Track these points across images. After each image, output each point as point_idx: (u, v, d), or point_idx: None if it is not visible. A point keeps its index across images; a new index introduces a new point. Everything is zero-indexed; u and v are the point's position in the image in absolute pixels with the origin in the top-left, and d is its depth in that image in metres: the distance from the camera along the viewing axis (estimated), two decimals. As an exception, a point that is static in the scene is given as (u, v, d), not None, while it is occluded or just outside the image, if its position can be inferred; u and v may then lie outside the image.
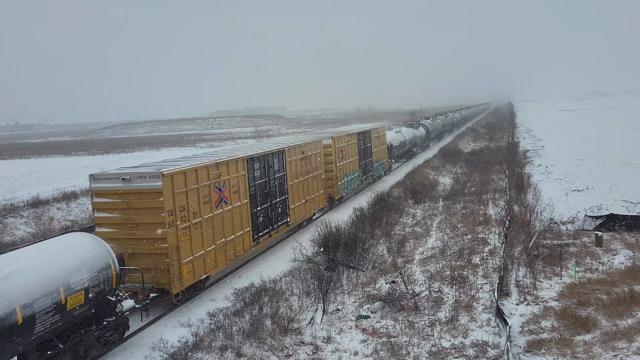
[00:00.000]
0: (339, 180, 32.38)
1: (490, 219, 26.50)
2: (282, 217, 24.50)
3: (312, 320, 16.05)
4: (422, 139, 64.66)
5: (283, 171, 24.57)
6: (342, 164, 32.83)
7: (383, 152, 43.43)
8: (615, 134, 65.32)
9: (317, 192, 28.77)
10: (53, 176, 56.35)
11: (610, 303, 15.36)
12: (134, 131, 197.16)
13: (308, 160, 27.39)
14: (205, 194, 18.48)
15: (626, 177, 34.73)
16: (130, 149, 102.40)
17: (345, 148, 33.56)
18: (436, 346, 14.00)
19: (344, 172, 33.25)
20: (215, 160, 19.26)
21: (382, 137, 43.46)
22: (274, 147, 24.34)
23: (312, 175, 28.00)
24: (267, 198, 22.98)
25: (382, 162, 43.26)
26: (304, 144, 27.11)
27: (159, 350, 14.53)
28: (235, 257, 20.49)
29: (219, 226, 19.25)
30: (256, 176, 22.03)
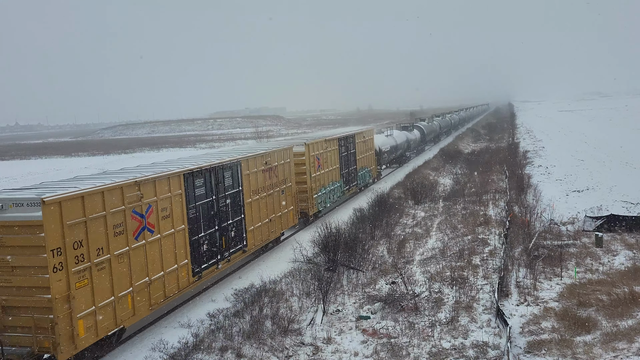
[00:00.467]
0: (315, 193, 28.59)
1: (490, 220, 26.50)
2: (236, 242, 20.65)
3: (312, 321, 16.05)
4: (417, 143, 61.04)
5: (238, 187, 20.73)
6: (318, 174, 29.07)
7: (370, 159, 39.90)
8: (615, 135, 65.34)
9: (285, 209, 24.87)
10: (53, 177, 56.38)
11: (611, 304, 15.35)
12: (134, 132, 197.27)
13: (273, 172, 23.57)
14: (118, 222, 14.38)
15: (626, 178, 34.74)
16: (131, 150, 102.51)
17: (323, 155, 29.83)
18: (436, 347, 13.99)
19: (321, 183, 29.50)
20: (133, 179, 15.05)
21: (370, 142, 39.76)
22: (225, 158, 20.34)
23: (279, 189, 24.17)
24: (214, 221, 18.97)
25: (369, 169, 39.50)
26: (268, 153, 23.16)
27: (159, 351, 14.53)
28: (165, 298, 16.30)
29: (139, 262, 15.16)
30: (198, 195, 18.08)
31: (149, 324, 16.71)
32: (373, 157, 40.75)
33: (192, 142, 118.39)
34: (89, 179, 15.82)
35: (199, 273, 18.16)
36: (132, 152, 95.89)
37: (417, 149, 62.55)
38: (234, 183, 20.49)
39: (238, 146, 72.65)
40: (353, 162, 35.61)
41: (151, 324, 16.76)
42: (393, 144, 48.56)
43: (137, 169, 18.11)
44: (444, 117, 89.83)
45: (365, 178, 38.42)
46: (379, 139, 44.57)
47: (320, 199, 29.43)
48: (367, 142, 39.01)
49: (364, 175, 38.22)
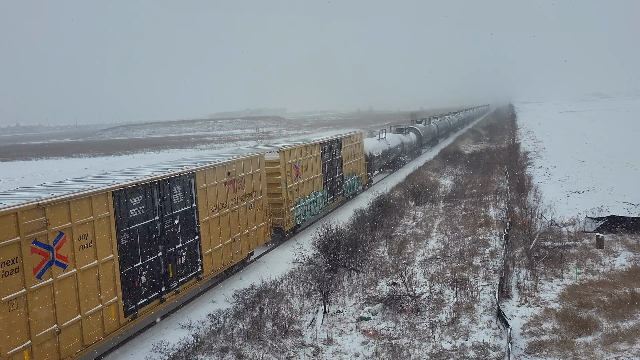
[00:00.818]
0: (292, 205, 25.70)
1: (491, 221, 26.49)
2: (188, 269, 17.53)
3: (312, 322, 16.04)
4: (413, 146, 58.12)
5: (192, 203, 17.63)
6: (297, 184, 26.15)
7: (359, 165, 36.72)
8: (616, 136, 65.35)
9: (254, 225, 21.86)
10: (54, 178, 56.41)
11: (612, 305, 15.34)
12: (135, 133, 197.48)
13: (239, 184, 20.65)
14: (11, 258, 11.29)
15: (627, 179, 34.74)
16: (131, 151, 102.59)
17: (302, 163, 26.88)
18: (437, 348, 13.99)
19: (300, 193, 26.58)
20: (35, 202, 11.98)
21: (359, 147, 36.70)
22: (174, 170, 17.12)
23: (247, 203, 21.23)
24: (157, 246, 15.86)
25: (359, 176, 36.53)
26: (231, 163, 20.08)
27: (160, 352, 14.53)
28: (84, 348, 13.17)
29: (43, 307, 12.06)
30: (136, 216, 14.99)
31: (149, 325, 16.71)
32: (362, 163, 37.50)
33: (193, 142, 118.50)
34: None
35: (134, 311, 14.93)
36: (132, 153, 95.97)
37: (413, 153, 59.72)
38: (185, 199, 17.29)
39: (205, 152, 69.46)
40: (339, 169, 32.54)
41: (151, 324, 16.77)
42: (386, 148, 45.72)
43: (43, 188, 14.52)
44: (442, 118, 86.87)
45: (353, 186, 35.32)
46: (369, 143, 41.75)
47: (299, 211, 26.47)
48: (356, 146, 35.99)
49: (352, 183, 35.10)
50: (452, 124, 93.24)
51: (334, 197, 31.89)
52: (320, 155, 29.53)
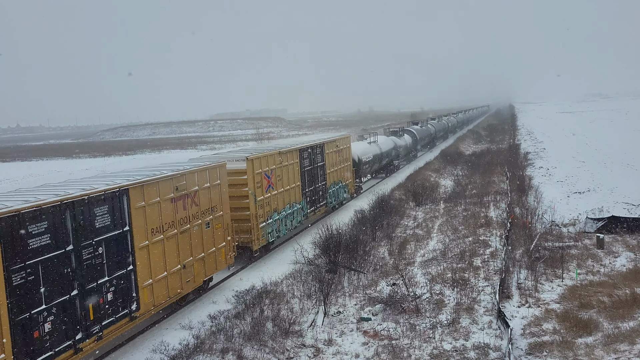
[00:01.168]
0: (263, 221, 22.76)
1: (491, 221, 26.49)
2: (118, 308, 14.40)
3: (313, 322, 16.04)
4: (407, 149, 54.85)
5: (123, 226, 14.48)
6: (269, 196, 23.25)
7: (346, 171, 33.81)
8: (617, 136, 65.33)
9: (212, 247, 18.80)
10: (54, 179, 56.44)
11: (612, 305, 15.34)
12: (135, 133, 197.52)
13: (192, 199, 17.59)
14: None
15: (627, 179, 34.72)
16: (132, 152, 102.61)
17: (276, 172, 23.94)
18: (437, 349, 13.98)
19: (272, 206, 23.57)
20: None
21: (345, 152, 33.65)
22: (99, 186, 13.99)
23: (203, 221, 18.22)
24: (70, 283, 12.83)
25: (345, 183, 33.63)
26: (182, 174, 16.97)
27: (160, 352, 14.53)
28: None
29: None
30: (38, 247, 11.99)
31: (150, 326, 16.71)
32: (350, 169, 34.55)
33: (193, 143, 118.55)
34: None
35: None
36: (133, 154, 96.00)
37: (408, 156, 56.66)
38: (115, 222, 14.17)
39: (167, 159, 61.46)
40: (321, 177, 29.45)
41: (152, 325, 16.76)
42: (377, 152, 42.27)
43: None
44: (440, 120, 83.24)
45: (339, 195, 32.38)
46: (358, 148, 38.78)
47: (272, 227, 23.53)
48: (342, 151, 32.98)
49: (338, 192, 32.18)
50: (450, 125, 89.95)
51: (316, 208, 28.79)
52: (299, 163, 26.41)
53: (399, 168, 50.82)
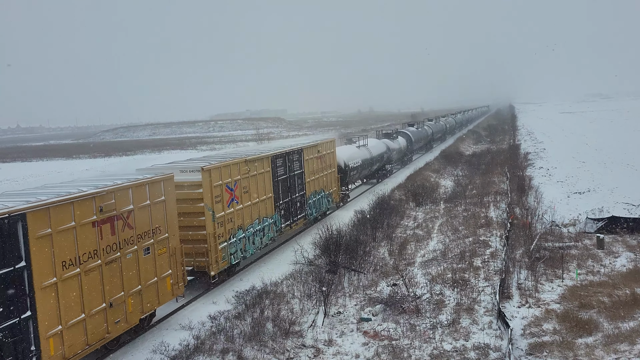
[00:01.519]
0: (224, 240, 19.51)
1: (491, 222, 26.49)
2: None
3: (313, 323, 16.04)
4: (402, 152, 51.94)
5: (17, 261, 11.49)
6: (231, 212, 20.00)
7: (330, 179, 30.55)
8: (617, 137, 65.35)
9: (153, 277, 15.77)
10: (54, 179, 56.46)
11: (612, 306, 15.34)
12: (135, 134, 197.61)
13: (125, 221, 14.61)
14: None
15: (627, 180, 34.74)
16: (132, 152, 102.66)
17: (241, 183, 20.73)
18: (438, 349, 13.98)
19: (236, 223, 20.36)
20: None
21: (329, 157, 30.42)
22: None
23: (140, 246, 15.23)
24: None
25: (329, 192, 30.37)
26: (108, 191, 14.05)
27: (160, 353, 14.54)
28: None
29: None
30: None
31: (150, 327, 16.70)
32: (335, 177, 31.34)
33: (194, 144, 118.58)
34: None
35: None
36: (133, 154, 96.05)
37: (403, 160, 53.61)
38: (5, 257, 11.20)
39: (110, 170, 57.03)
40: (300, 186, 26.31)
41: (152, 326, 16.76)
42: (366, 157, 38.99)
43: None
44: (438, 121, 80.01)
45: (321, 205, 29.14)
46: (345, 152, 35.45)
47: (235, 246, 20.34)
48: (326, 157, 29.81)
49: (320, 202, 28.94)
50: (448, 126, 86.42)
51: (292, 222, 25.49)
52: (271, 171, 23.28)
53: (392, 172, 47.97)
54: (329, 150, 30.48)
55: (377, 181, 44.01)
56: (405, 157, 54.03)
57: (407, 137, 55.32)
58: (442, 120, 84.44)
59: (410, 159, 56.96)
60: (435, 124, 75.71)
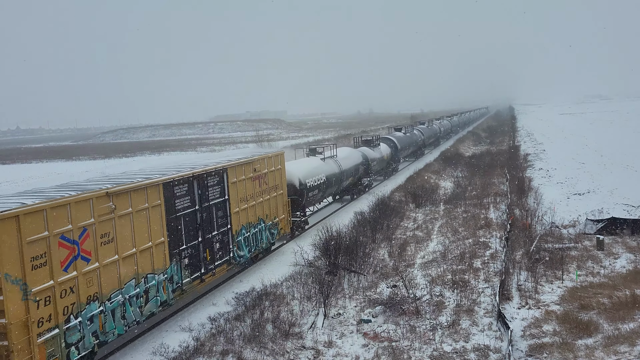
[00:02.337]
0: (54, 326, 12.35)
1: (491, 223, 26.48)
2: None
3: (313, 324, 16.03)
4: (384, 162, 44.87)
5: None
6: (75, 276, 12.96)
7: (275, 204, 23.69)
8: (616, 138, 65.39)
9: None
10: (54, 181, 56.41)
11: (612, 307, 15.34)
12: (135, 135, 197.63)
13: None
14: None
15: (627, 181, 34.76)
16: (132, 154, 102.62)
17: (101, 228, 13.80)
18: (438, 350, 13.98)
19: (86, 293, 13.24)
20: None
21: (275, 176, 23.59)
22: None
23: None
24: None
25: (274, 221, 23.53)
26: None
27: (160, 355, 14.53)
28: None
29: None
30: None
31: (150, 328, 16.69)
32: (284, 200, 24.68)
33: (193, 145, 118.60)
34: None
35: None
36: (133, 156, 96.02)
37: (387, 170, 47.13)
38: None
39: None
40: (220, 220, 19.16)
41: (152, 327, 16.75)
42: (334, 172, 31.50)
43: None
44: (431, 124, 74.02)
45: (259, 241, 22.16)
46: (301, 167, 28.10)
47: (80, 331, 13.08)
48: (269, 176, 23.02)
49: (257, 237, 22.03)
50: (443, 130, 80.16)
51: (205, 272, 18.20)
52: (164, 205, 16.00)
53: (371, 186, 40.87)
54: (275, 167, 23.65)
55: (351, 198, 37.27)
56: (389, 167, 47.63)
57: (391, 144, 48.72)
58: (436, 123, 78.58)
59: (396, 169, 50.15)
60: (427, 127, 70.05)
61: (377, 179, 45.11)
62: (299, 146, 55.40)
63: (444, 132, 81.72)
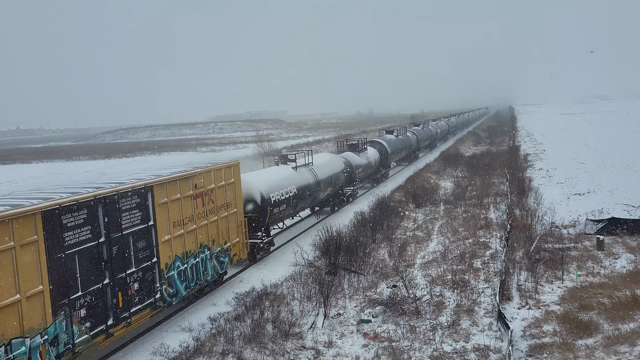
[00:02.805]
0: None
1: (491, 223, 26.48)
2: None
3: (313, 324, 16.03)
4: (371, 168, 40.74)
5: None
6: None
7: (227, 225, 19.68)
8: (616, 138, 65.41)
9: None
10: (54, 181, 56.43)
11: (612, 307, 15.34)
12: (135, 136, 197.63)
13: None
14: None
15: (627, 181, 34.77)
16: (132, 154, 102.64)
17: None
18: (438, 350, 13.98)
19: None
20: None
21: (226, 192, 19.57)
22: None
23: None
24: None
25: (222, 249, 19.33)
26: None
27: (160, 355, 14.53)
28: None
29: None
30: None
31: (150, 328, 16.68)
32: (237, 220, 20.47)
33: (193, 145, 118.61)
34: None
35: None
36: (133, 156, 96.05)
37: (376, 177, 43.76)
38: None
39: None
40: (141, 253, 15.19)
41: (152, 327, 16.75)
42: (307, 182, 27.34)
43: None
44: (426, 125, 70.69)
45: (201, 273, 18.04)
46: (264, 179, 23.84)
47: None
48: (218, 192, 19.02)
49: (199, 269, 17.98)
50: (439, 131, 76.06)
51: (113, 325, 14.03)
52: (44, 241, 12.06)
53: (355, 196, 37.27)
54: (226, 181, 19.56)
55: (331, 210, 33.09)
56: (378, 173, 43.90)
57: (381, 148, 44.72)
58: (432, 124, 74.60)
59: (386, 175, 46.20)
60: (422, 129, 66.15)
61: (365, 187, 42.35)
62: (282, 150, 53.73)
63: (441, 134, 78.36)
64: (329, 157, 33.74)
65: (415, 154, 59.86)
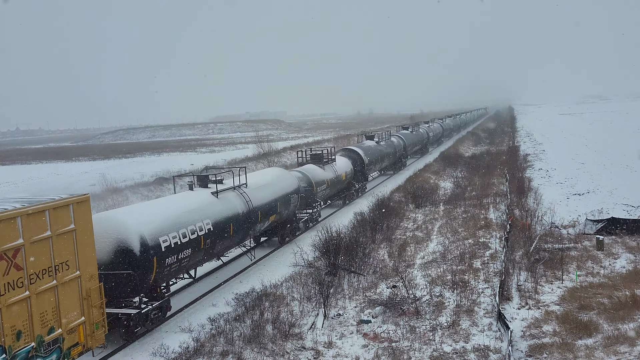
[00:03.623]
0: None
1: (491, 223, 26.48)
2: None
3: (313, 325, 16.03)
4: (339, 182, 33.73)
5: None
6: None
7: (55, 302, 12.24)
8: (616, 138, 65.43)
9: None
10: (54, 182, 56.41)
11: (612, 307, 15.34)
12: (135, 136, 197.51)
13: None
14: None
15: (627, 181, 34.78)
16: (131, 154, 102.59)
17: None
18: (437, 351, 13.97)
19: None
20: None
21: (61, 247, 12.56)
22: None
23: None
24: None
25: (42, 342, 11.88)
26: None
27: (160, 355, 14.53)
28: None
29: None
30: None
31: (150, 328, 16.67)
32: (85, 289, 13.19)
33: (193, 146, 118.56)
34: None
35: None
36: (132, 157, 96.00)
37: (348, 192, 35.97)
38: None
39: None
40: None
41: (152, 328, 16.73)
42: (235, 212, 20.52)
43: None
44: (416, 128, 63.98)
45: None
46: (150, 216, 16.70)
47: None
48: (40, 248, 12.03)
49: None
50: (432, 135, 69.52)
51: None
52: None
53: (317, 220, 30.36)
54: (62, 227, 12.72)
55: (280, 240, 26.17)
56: (351, 188, 36.40)
57: (355, 157, 37.99)
58: (424, 127, 68.71)
59: (362, 189, 38.65)
60: (412, 132, 59.57)
61: (335, 204, 34.97)
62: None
63: (433, 138, 71.13)
64: (275, 173, 26.48)
65: (402, 162, 53.20)
